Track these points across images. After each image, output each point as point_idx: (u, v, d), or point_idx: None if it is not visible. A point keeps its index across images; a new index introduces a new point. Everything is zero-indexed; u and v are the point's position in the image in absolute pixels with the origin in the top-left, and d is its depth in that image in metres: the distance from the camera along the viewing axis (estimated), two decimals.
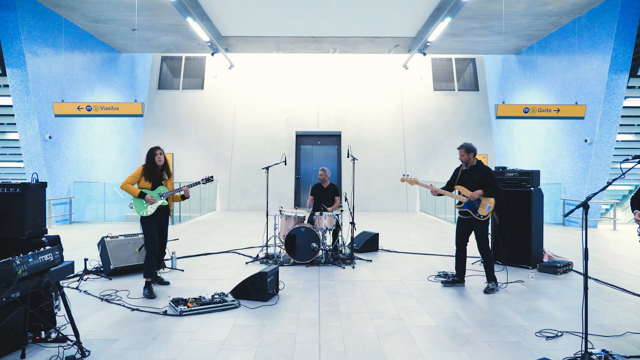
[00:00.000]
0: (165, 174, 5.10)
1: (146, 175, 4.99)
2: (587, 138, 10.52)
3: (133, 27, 11.88)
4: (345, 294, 4.99)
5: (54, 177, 10.85)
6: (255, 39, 13.14)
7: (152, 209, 4.94)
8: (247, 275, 5.65)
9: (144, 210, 4.92)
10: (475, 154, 5.25)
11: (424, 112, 16.16)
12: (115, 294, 4.86)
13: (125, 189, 4.94)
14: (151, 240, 4.96)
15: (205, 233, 9.76)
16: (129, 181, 4.96)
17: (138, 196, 4.92)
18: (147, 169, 5.01)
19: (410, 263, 6.68)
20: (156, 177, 5.02)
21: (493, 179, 5.12)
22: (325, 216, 6.68)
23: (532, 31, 12.06)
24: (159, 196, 4.98)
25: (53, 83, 10.73)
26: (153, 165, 5.02)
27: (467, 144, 5.25)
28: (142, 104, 8.73)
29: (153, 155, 5.03)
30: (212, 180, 5.37)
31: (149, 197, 4.92)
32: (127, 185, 4.94)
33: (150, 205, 4.93)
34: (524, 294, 5.01)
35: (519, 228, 6.29)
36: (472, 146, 5.24)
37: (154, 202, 4.94)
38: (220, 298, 4.48)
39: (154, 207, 4.95)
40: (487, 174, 5.14)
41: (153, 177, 5.00)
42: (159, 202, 4.97)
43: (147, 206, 4.92)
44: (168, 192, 5.06)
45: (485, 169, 5.18)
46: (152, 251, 4.97)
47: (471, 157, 5.24)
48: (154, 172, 5.01)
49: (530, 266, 6.21)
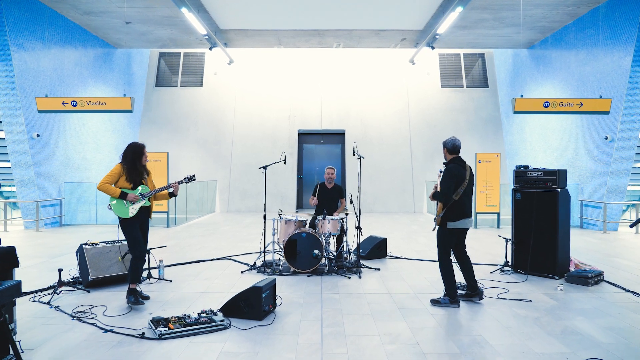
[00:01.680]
0: (144, 172, 4.67)
1: (129, 175, 4.51)
2: (608, 135, 9.87)
3: (127, 20, 11.32)
4: (352, 310, 4.39)
5: (43, 178, 10.30)
6: (255, 32, 12.55)
7: (134, 210, 4.48)
8: (242, 286, 5.08)
9: (126, 211, 4.44)
10: (449, 150, 4.62)
11: (431, 109, 15.52)
12: (90, 311, 4.28)
13: (104, 189, 4.42)
14: (136, 244, 4.49)
15: (200, 237, 9.18)
16: (107, 180, 4.47)
17: (119, 197, 4.42)
18: (131, 168, 4.53)
19: (421, 271, 6.07)
20: (139, 176, 4.57)
21: (442, 179, 4.47)
22: (328, 220, 6.08)
23: (547, 23, 11.41)
24: (141, 196, 4.51)
25: (41, 78, 10.17)
26: (138, 165, 4.57)
27: (445, 140, 4.69)
28: (132, 98, 8.15)
29: (141, 154, 4.58)
30: (194, 179, 4.95)
31: (131, 196, 4.45)
32: (105, 186, 4.44)
33: (133, 206, 4.46)
34: (555, 310, 4.39)
35: (543, 233, 5.67)
36: (446, 141, 4.66)
37: (137, 202, 4.48)
38: (207, 317, 3.88)
39: (136, 207, 4.49)
40: (443, 174, 4.52)
41: (137, 177, 4.54)
42: (142, 201, 4.53)
43: (129, 207, 4.45)
44: (151, 191, 4.59)
45: (444, 170, 4.53)
46: (139, 255, 4.51)
47: (445, 152, 4.67)
48: (140, 170, 4.57)
49: (556, 276, 5.58)
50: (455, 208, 4.46)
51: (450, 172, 4.45)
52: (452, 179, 4.42)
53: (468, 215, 4.55)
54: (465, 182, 4.47)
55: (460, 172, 4.48)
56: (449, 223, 4.48)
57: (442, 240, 4.56)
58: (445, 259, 4.55)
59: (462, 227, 4.53)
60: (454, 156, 4.62)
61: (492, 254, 7.04)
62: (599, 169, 10.28)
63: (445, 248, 4.56)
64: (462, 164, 4.56)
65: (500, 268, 6.03)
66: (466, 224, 4.54)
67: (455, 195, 4.43)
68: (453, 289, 4.50)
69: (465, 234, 4.68)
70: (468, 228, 4.60)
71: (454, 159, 4.60)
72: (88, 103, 8.17)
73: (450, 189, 4.40)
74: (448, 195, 4.40)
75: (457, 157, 4.61)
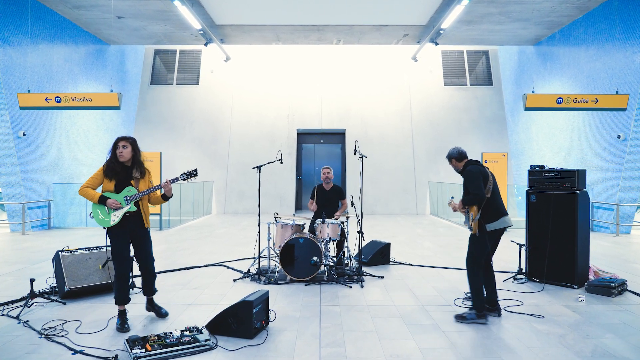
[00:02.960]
0: (136, 172, 3.97)
1: (106, 171, 3.90)
2: (621, 134, 9.42)
3: (118, 15, 10.89)
4: (354, 325, 3.95)
5: (30, 178, 9.85)
6: (253, 27, 12.11)
7: (117, 217, 3.87)
8: (233, 297, 4.66)
9: (107, 219, 3.86)
10: (458, 159, 4.30)
11: (433, 107, 15.09)
12: (61, 327, 3.84)
13: (83, 193, 3.88)
14: (119, 259, 3.89)
15: (194, 240, 8.73)
16: (88, 184, 3.90)
17: (98, 202, 3.86)
18: (108, 165, 3.92)
19: (428, 280, 5.62)
20: (119, 175, 3.91)
21: (469, 181, 4.09)
22: (328, 224, 5.65)
23: (555, 17, 10.97)
24: (125, 200, 3.89)
25: (28, 74, 9.73)
26: (114, 161, 3.91)
27: (448, 153, 4.36)
28: (119, 94, 7.70)
29: (114, 148, 3.92)
30: (195, 174, 4.14)
31: (111, 201, 3.84)
32: (85, 189, 3.88)
33: (114, 213, 3.87)
34: (580, 325, 3.95)
35: (561, 238, 5.22)
36: (449, 153, 4.36)
37: (119, 208, 3.87)
38: (191, 336, 3.44)
39: (119, 214, 3.87)
40: (465, 177, 4.16)
41: (113, 174, 3.90)
42: (126, 207, 3.88)
43: (110, 214, 3.86)
44: (137, 194, 3.91)
45: (465, 172, 4.17)
46: (121, 273, 3.90)
47: (454, 163, 4.32)
48: (115, 169, 3.90)
49: (575, 285, 5.14)
50: (489, 208, 4.07)
51: (473, 172, 4.07)
52: (478, 178, 4.03)
53: (505, 212, 4.14)
54: (490, 178, 4.11)
55: (482, 170, 4.12)
56: (488, 225, 4.04)
57: (478, 246, 4.09)
58: (477, 268, 4.09)
59: (503, 227, 4.10)
60: (466, 160, 4.27)
61: (504, 260, 6.60)
62: (610, 169, 9.84)
63: (479, 255, 4.10)
64: (479, 163, 4.21)
65: (514, 276, 5.59)
66: (507, 222, 4.12)
67: (487, 192, 4.05)
68: (482, 302, 4.05)
69: (500, 238, 4.23)
70: (509, 226, 4.14)
71: (468, 162, 4.23)
72: (73, 99, 7.72)
73: (480, 187, 4.00)
74: (481, 192, 3.99)
75: (470, 160, 4.27)
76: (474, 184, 4.02)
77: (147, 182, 4.05)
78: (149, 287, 4.16)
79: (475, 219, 4.06)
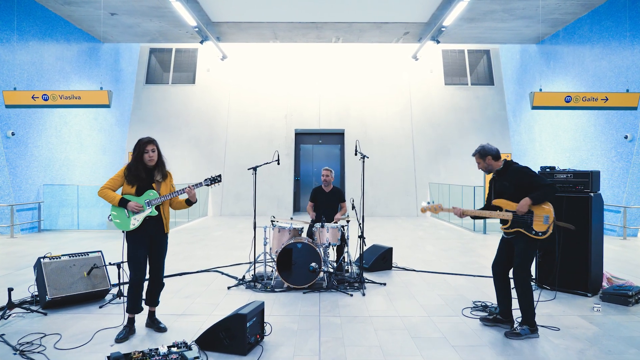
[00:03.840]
0: (158, 175, 3.77)
1: (128, 177, 3.67)
2: (628, 134, 9.16)
3: (111, 12, 10.59)
4: (356, 339, 3.66)
5: (19, 180, 9.54)
6: (250, 25, 11.82)
7: (137, 221, 3.64)
8: (226, 307, 4.37)
9: (127, 222, 3.64)
10: (495, 157, 3.92)
11: (434, 108, 14.82)
12: (39, 341, 3.54)
13: (103, 195, 3.68)
14: (135, 264, 3.66)
15: (188, 244, 8.43)
16: (108, 185, 3.70)
17: (118, 204, 3.63)
18: (130, 168, 3.68)
19: (433, 287, 5.34)
20: (141, 180, 3.68)
21: (531, 176, 3.75)
22: (327, 229, 5.36)
23: (560, 15, 10.72)
24: (146, 204, 3.65)
25: (17, 72, 9.42)
26: (140, 165, 3.68)
27: (479, 148, 3.98)
28: (109, 92, 7.41)
29: (142, 152, 3.68)
30: (219, 180, 3.97)
31: (132, 204, 3.60)
32: (105, 191, 3.68)
33: (135, 216, 3.63)
34: (599, 339, 3.67)
35: (573, 244, 4.95)
36: (485, 148, 3.94)
37: (140, 211, 3.63)
38: (179, 353, 3.14)
39: (139, 218, 3.64)
40: (519, 174, 3.78)
41: (137, 180, 3.67)
42: (147, 211, 3.65)
43: (130, 217, 3.63)
44: (159, 198, 3.69)
45: (515, 169, 3.82)
46: (136, 279, 3.68)
47: (489, 161, 3.93)
48: (138, 173, 3.67)
49: (589, 293, 4.86)
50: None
51: (527, 168, 3.84)
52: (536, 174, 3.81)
53: None
54: None
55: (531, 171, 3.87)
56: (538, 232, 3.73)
57: (531, 252, 3.77)
58: (529, 278, 3.74)
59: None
60: (503, 160, 3.97)
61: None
62: (617, 171, 9.58)
63: (530, 263, 3.78)
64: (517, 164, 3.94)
65: None
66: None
67: None
68: (534, 315, 3.73)
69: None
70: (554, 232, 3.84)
71: (509, 161, 3.93)
72: (61, 97, 7.42)
73: (545, 178, 3.79)
74: (551, 184, 3.73)
75: (508, 160, 3.95)
76: (539, 178, 3.74)
77: (169, 186, 3.86)
78: (154, 297, 3.90)
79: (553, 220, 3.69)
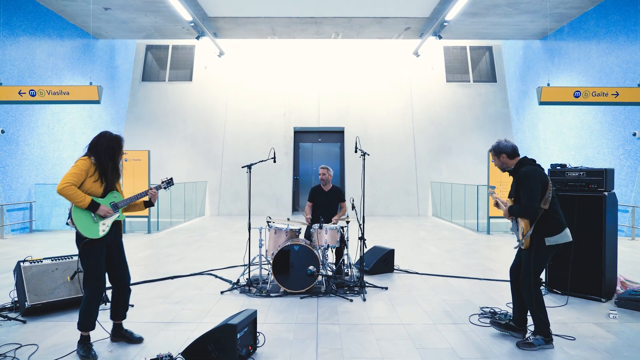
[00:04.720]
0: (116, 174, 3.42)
1: (103, 175, 3.27)
2: (636, 131, 8.89)
3: (105, 6, 10.31)
4: (356, 351, 3.39)
5: (9, 179, 9.27)
6: (247, 20, 11.54)
7: (106, 227, 3.26)
8: (218, 313, 4.11)
9: (94, 228, 3.21)
10: (510, 155, 3.60)
11: (435, 105, 14.55)
12: (14, 353, 3.27)
13: (70, 192, 3.10)
14: (95, 275, 3.25)
15: (182, 245, 8.16)
16: (71, 181, 3.12)
17: (87, 207, 3.18)
18: (106, 165, 3.28)
19: (437, 291, 5.07)
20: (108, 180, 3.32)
21: (522, 186, 3.44)
22: (326, 230, 5.09)
23: (565, 9, 10.44)
24: (113, 207, 3.32)
25: (7, 68, 9.13)
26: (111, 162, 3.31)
27: (494, 144, 3.68)
28: (99, 87, 7.14)
29: (119, 148, 3.35)
30: (172, 183, 3.74)
31: (105, 208, 3.24)
32: (72, 188, 3.11)
33: (103, 221, 3.26)
34: (619, 350, 3.40)
35: (586, 246, 4.68)
36: (499, 146, 3.64)
37: (110, 216, 3.28)
38: None
39: (108, 223, 3.28)
40: (520, 180, 3.48)
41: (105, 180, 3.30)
42: (115, 215, 3.32)
43: (98, 222, 3.23)
44: (125, 200, 3.38)
45: (520, 173, 3.50)
46: (96, 295, 3.27)
47: (504, 159, 3.62)
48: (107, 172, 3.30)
49: (602, 298, 4.60)
50: (549, 219, 3.43)
51: (531, 177, 3.40)
52: (536, 186, 3.39)
53: (566, 224, 3.51)
54: (550, 184, 3.48)
55: (542, 174, 3.47)
56: (548, 239, 3.40)
57: (539, 263, 3.44)
58: (539, 289, 3.47)
59: (566, 241, 3.46)
60: (519, 158, 3.61)
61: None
62: (625, 169, 9.30)
63: (539, 274, 3.47)
64: (535, 163, 3.56)
65: None
66: (569, 235, 3.49)
67: (544, 204, 3.40)
68: (548, 325, 3.46)
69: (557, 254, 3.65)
70: (570, 241, 3.51)
71: (522, 161, 3.57)
72: (49, 92, 7.15)
73: (535, 199, 3.37)
74: (534, 206, 3.35)
75: (524, 158, 3.59)
76: (529, 194, 3.37)
77: (119, 186, 3.51)
78: (123, 308, 3.52)
79: (527, 234, 3.42)
